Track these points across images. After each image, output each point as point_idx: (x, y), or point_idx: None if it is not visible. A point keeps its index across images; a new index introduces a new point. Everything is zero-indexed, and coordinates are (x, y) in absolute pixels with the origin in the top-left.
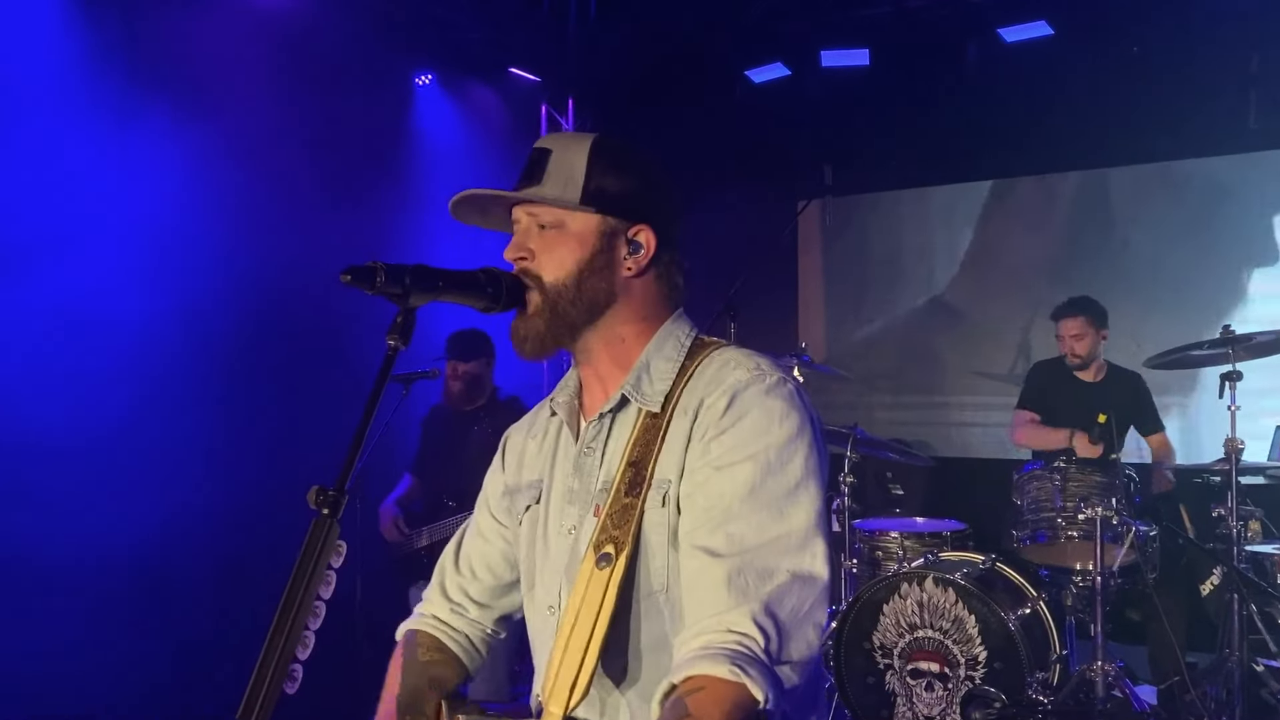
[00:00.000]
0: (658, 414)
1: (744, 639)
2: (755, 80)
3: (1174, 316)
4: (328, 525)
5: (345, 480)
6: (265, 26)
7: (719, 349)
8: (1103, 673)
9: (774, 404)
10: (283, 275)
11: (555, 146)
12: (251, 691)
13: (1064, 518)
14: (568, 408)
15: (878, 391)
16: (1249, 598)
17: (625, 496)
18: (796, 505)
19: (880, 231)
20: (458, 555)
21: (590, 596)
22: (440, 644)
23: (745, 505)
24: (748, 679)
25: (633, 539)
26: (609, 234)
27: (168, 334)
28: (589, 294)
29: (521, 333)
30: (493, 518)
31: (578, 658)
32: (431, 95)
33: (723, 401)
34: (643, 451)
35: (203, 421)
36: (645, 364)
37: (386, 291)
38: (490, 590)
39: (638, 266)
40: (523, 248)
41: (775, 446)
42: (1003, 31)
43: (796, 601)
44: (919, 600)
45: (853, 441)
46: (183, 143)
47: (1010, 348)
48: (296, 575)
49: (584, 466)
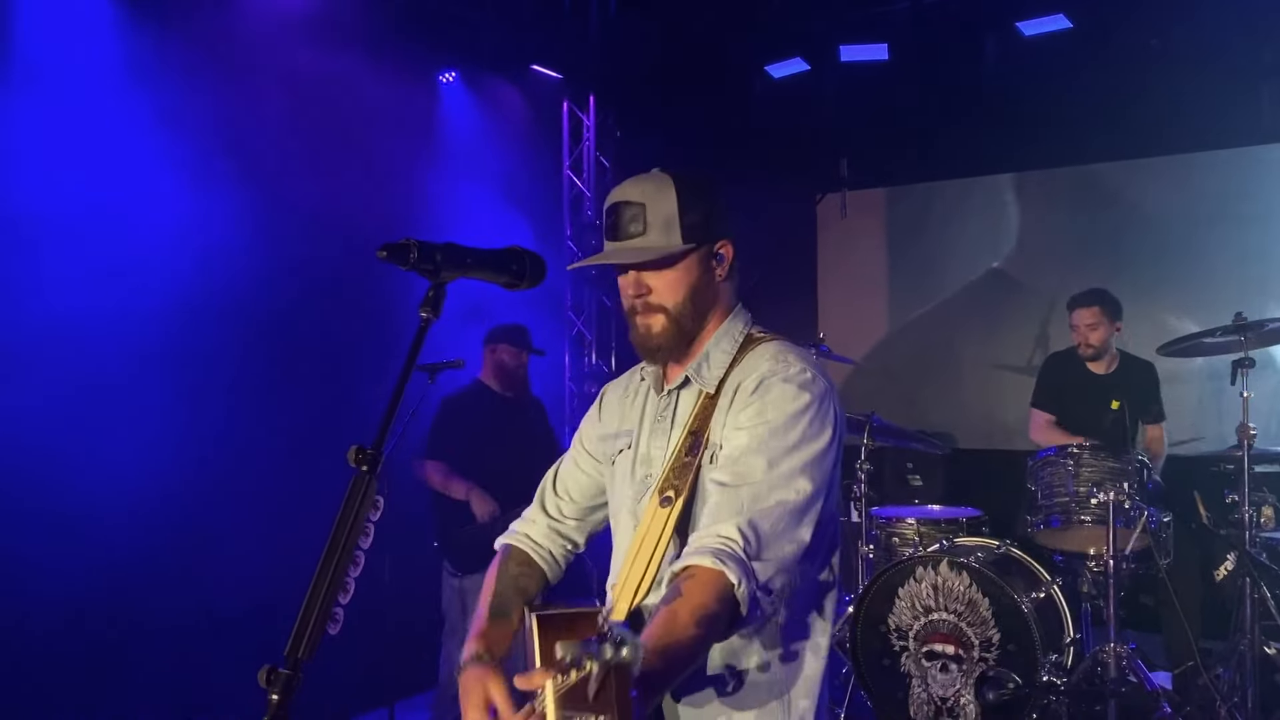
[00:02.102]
0: (713, 395)
1: (728, 540)
2: (774, 75)
3: (1190, 308)
4: (366, 481)
5: (382, 441)
6: (292, 25)
7: (764, 343)
8: (1115, 655)
9: (789, 388)
10: (310, 265)
11: (645, 199)
12: (299, 628)
13: (1077, 503)
14: (655, 376)
15: (896, 382)
16: (1260, 580)
17: (685, 456)
18: (791, 458)
19: (899, 225)
20: (555, 481)
21: (653, 528)
22: (528, 559)
23: (751, 453)
24: (724, 567)
25: (689, 488)
26: (705, 257)
27: (213, 315)
28: (700, 308)
29: (654, 346)
30: (588, 453)
31: (641, 571)
32: (455, 92)
33: (753, 384)
34: (700, 423)
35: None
36: (706, 355)
37: (419, 267)
38: (581, 510)
39: (724, 274)
40: (641, 284)
41: (784, 417)
42: (1021, 25)
43: (776, 519)
44: (934, 584)
45: (869, 429)
46: (218, 137)
47: (1028, 340)
48: (338, 526)
49: (658, 430)
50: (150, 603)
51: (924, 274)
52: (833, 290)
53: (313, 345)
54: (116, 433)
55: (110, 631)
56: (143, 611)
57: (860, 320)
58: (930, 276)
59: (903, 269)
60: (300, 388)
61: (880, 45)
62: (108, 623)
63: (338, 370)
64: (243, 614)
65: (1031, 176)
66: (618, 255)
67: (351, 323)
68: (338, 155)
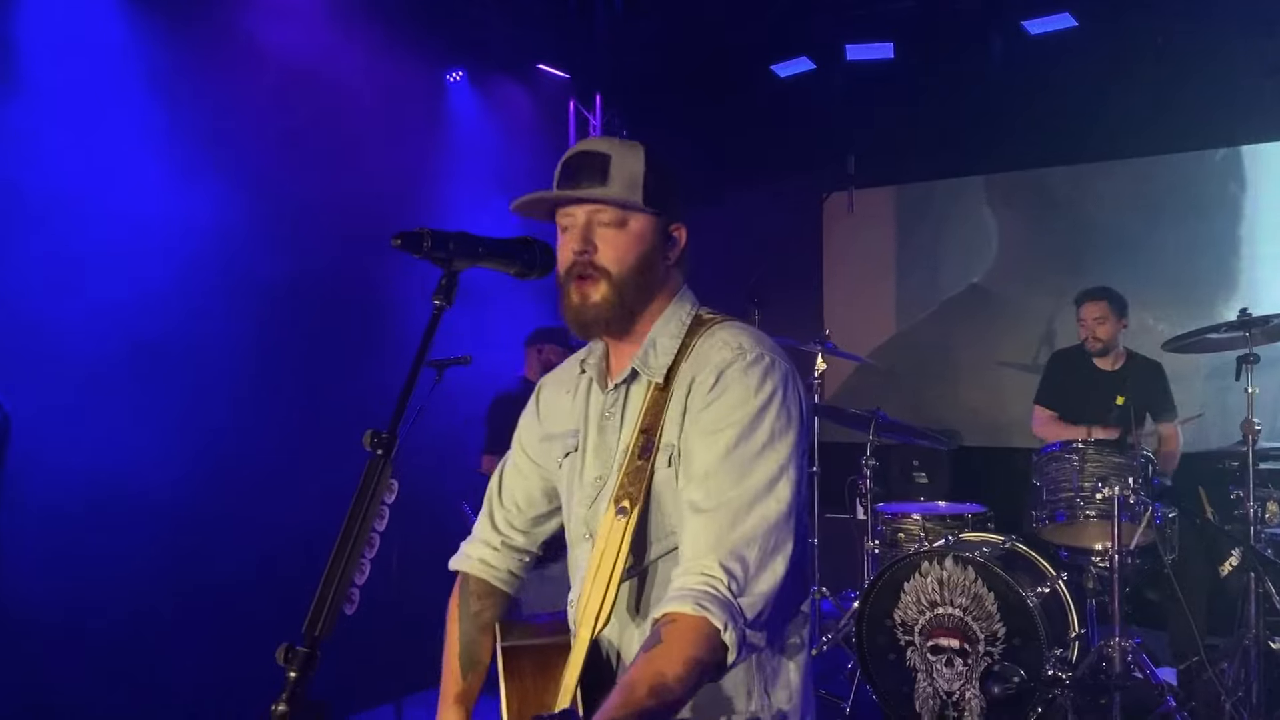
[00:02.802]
0: (663, 387)
1: (710, 580)
2: (781, 75)
3: (1196, 305)
4: (381, 464)
5: (396, 424)
6: (299, 22)
7: (715, 326)
8: (1120, 649)
9: (750, 380)
10: (315, 261)
11: (613, 152)
12: (316, 607)
13: (1082, 498)
14: (597, 369)
15: (901, 380)
16: (1265, 575)
17: (638, 459)
18: (764, 461)
19: (905, 223)
20: (500, 491)
21: (610, 541)
22: (487, 588)
23: (722, 465)
24: (707, 613)
25: (644, 495)
26: (660, 231)
27: (216, 312)
28: (647, 283)
29: (590, 317)
30: (529, 458)
31: (601, 591)
32: (462, 91)
33: (710, 378)
34: (651, 420)
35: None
36: (652, 341)
37: (432, 256)
38: (530, 520)
39: (674, 259)
40: (588, 242)
41: (749, 415)
42: (1026, 24)
43: (761, 541)
44: (939, 578)
45: (875, 425)
46: (223, 133)
47: (1033, 337)
48: (354, 509)
49: (606, 429)
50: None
51: (930, 272)
52: (839, 288)
53: (317, 340)
54: (119, 427)
55: (126, 626)
56: (152, 604)
57: (866, 318)
58: (936, 274)
59: (908, 267)
60: (303, 385)
61: (886, 44)
62: (119, 616)
63: (342, 368)
64: (253, 606)
65: (1037, 174)
66: (572, 196)
67: (355, 318)
68: (344, 152)
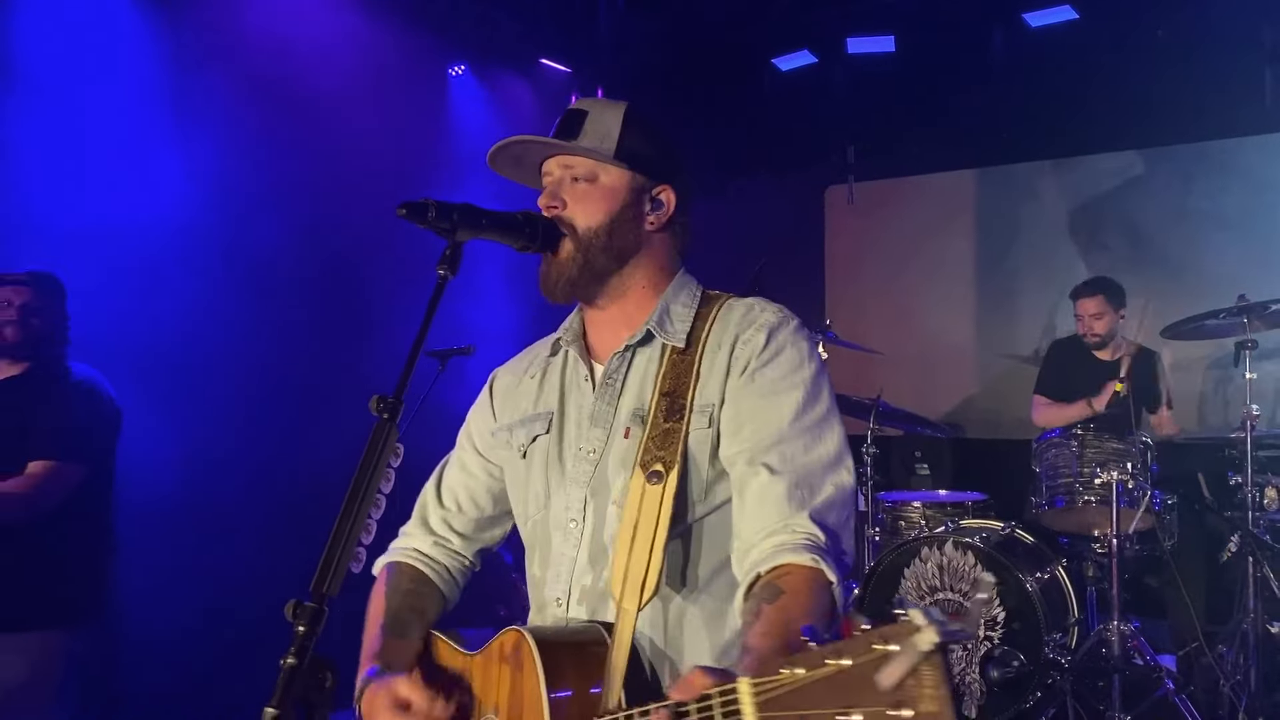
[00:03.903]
0: (684, 350)
1: (811, 535)
2: (782, 69)
3: (1196, 295)
4: (387, 428)
5: (402, 389)
6: (302, 16)
7: (731, 298)
8: (1120, 634)
9: (803, 343)
10: (316, 256)
11: (591, 108)
12: (324, 564)
13: (1081, 483)
14: (576, 344)
15: (903, 373)
16: (1264, 560)
17: (665, 422)
18: (831, 429)
19: (907, 215)
20: (440, 490)
21: (647, 508)
22: (422, 575)
23: (793, 429)
24: (824, 565)
25: (680, 457)
26: (637, 189)
27: (216, 309)
28: (618, 243)
29: (554, 277)
30: (479, 454)
31: (644, 560)
32: (465, 85)
33: (760, 336)
34: (675, 383)
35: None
36: (665, 307)
37: (435, 226)
38: (473, 523)
39: (659, 222)
40: (556, 197)
41: (811, 378)
42: (1027, 16)
43: (839, 509)
44: (939, 564)
45: (876, 413)
46: (223, 127)
47: (1035, 329)
48: (360, 470)
49: (605, 395)
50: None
51: (931, 264)
52: (840, 281)
53: (317, 336)
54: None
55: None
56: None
57: (867, 310)
58: (937, 266)
59: (910, 259)
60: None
61: (887, 37)
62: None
63: (339, 366)
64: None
65: (1038, 166)
66: (532, 141)
67: (355, 312)
68: (347, 146)
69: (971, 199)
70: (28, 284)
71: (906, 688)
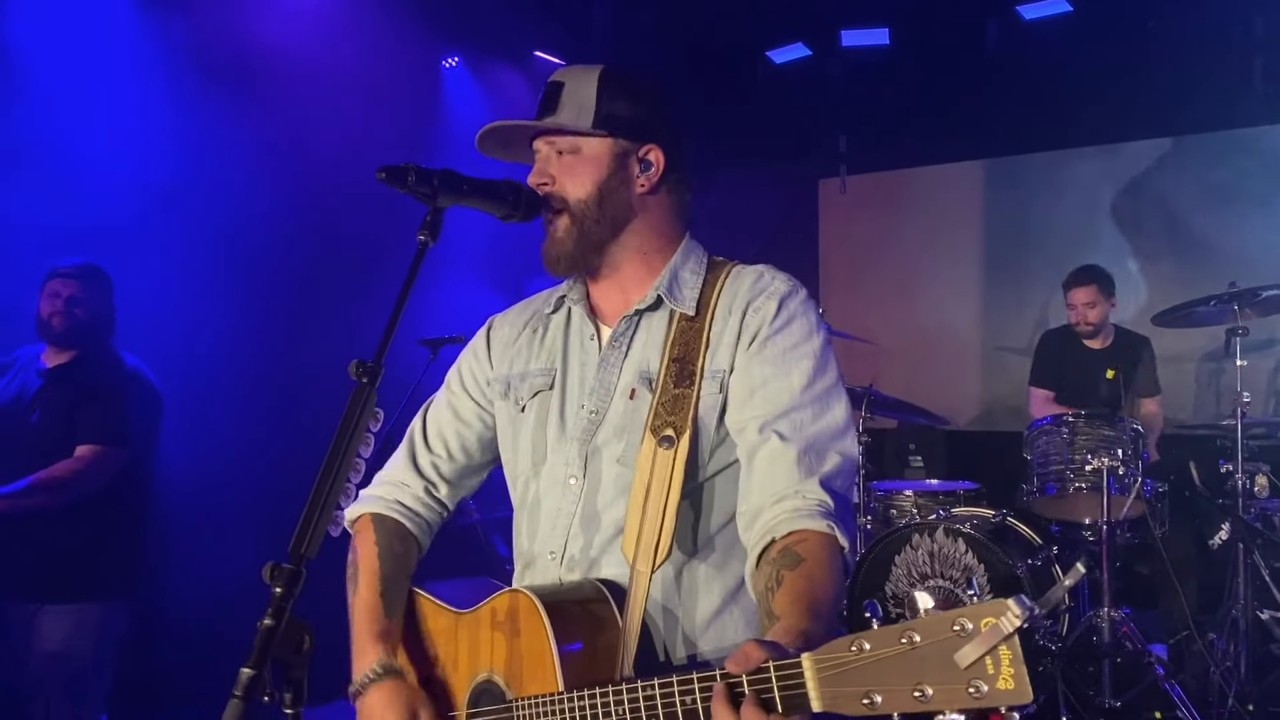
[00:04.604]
0: (693, 317)
1: (823, 501)
2: (777, 61)
3: (1190, 285)
4: (366, 393)
5: (382, 354)
6: (296, 7)
7: (738, 264)
8: (1110, 619)
9: (812, 313)
10: (309, 249)
11: (568, 79)
12: (302, 526)
13: (1072, 470)
14: (583, 306)
15: (896, 363)
16: (1254, 547)
17: (675, 388)
18: (839, 399)
19: (900, 207)
20: (426, 433)
21: (659, 472)
22: (407, 533)
23: (803, 397)
24: (837, 531)
25: (691, 423)
26: (621, 154)
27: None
28: (610, 211)
29: (554, 253)
30: (474, 401)
31: (657, 523)
32: (459, 77)
33: (771, 305)
34: (685, 349)
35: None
36: (674, 273)
37: (416, 191)
38: (460, 470)
39: (650, 183)
40: (544, 174)
41: (820, 348)
42: (1021, 9)
43: (845, 476)
44: (930, 550)
45: (868, 401)
46: (217, 121)
47: (1028, 321)
48: (339, 434)
49: (610, 358)
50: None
51: (923, 256)
52: (834, 273)
53: (314, 335)
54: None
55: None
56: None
57: (860, 302)
58: (929, 258)
59: (903, 251)
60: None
61: (881, 29)
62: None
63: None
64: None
65: (1032, 159)
66: (510, 125)
67: (350, 305)
68: (340, 136)
69: (966, 191)
70: (75, 276)
71: (983, 666)
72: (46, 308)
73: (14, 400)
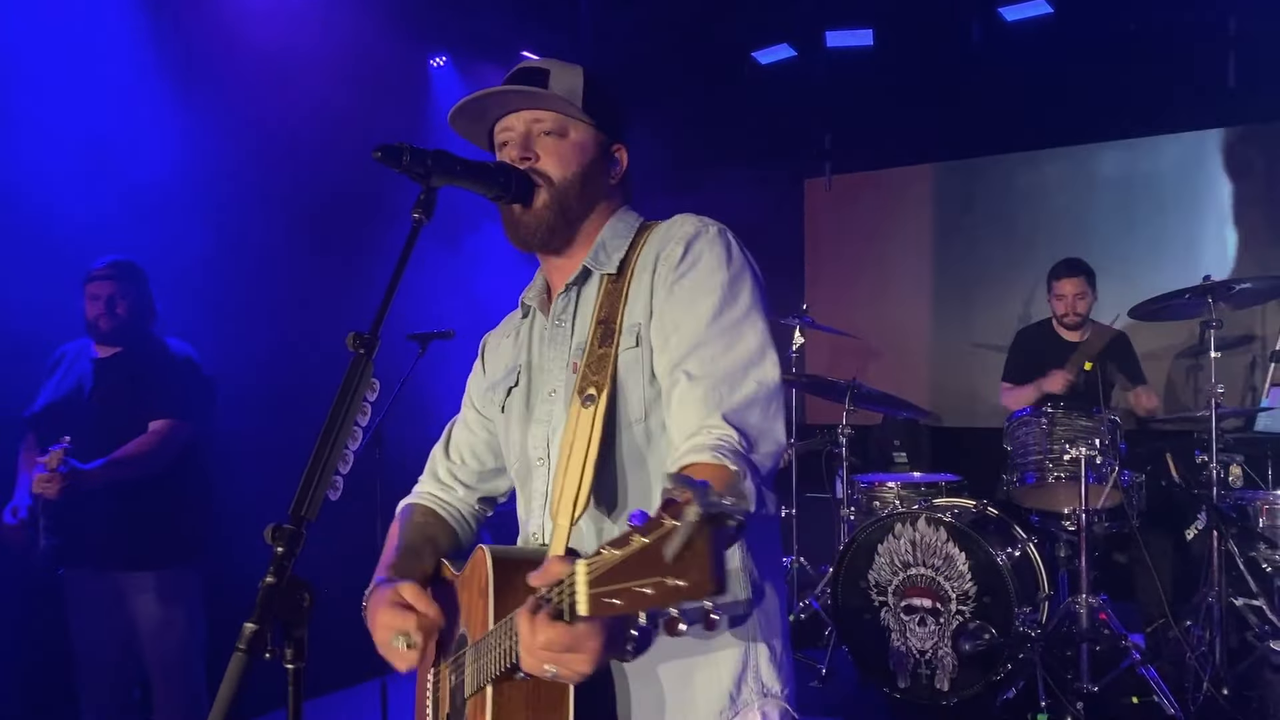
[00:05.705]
0: (617, 278)
1: (723, 436)
2: (762, 62)
3: (1171, 280)
4: (363, 363)
5: (378, 325)
6: (283, 6)
7: (661, 222)
8: (1088, 606)
9: (719, 247)
10: (298, 247)
11: (552, 67)
12: (302, 489)
13: (1051, 460)
14: (539, 300)
15: (882, 360)
16: (1228, 534)
17: (600, 348)
18: (751, 327)
19: (884, 207)
20: (448, 446)
21: (580, 430)
22: (432, 510)
23: (709, 331)
24: (726, 460)
25: (610, 379)
26: (602, 145)
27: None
28: (589, 196)
29: (531, 225)
30: (477, 412)
31: (576, 478)
32: (446, 77)
33: (679, 250)
34: (609, 310)
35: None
36: (602, 243)
37: (410, 170)
38: (476, 474)
39: (616, 179)
40: (529, 149)
41: (728, 280)
42: (1003, 11)
43: (763, 403)
44: (912, 539)
45: (852, 395)
46: (210, 119)
47: (1010, 318)
48: (338, 402)
49: (557, 336)
50: None
51: (907, 254)
52: (820, 274)
53: (312, 334)
54: None
55: None
56: None
57: (845, 301)
58: (914, 257)
59: (887, 249)
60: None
61: (865, 31)
62: None
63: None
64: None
65: (1014, 158)
66: (513, 92)
67: (337, 303)
68: (326, 136)
69: (948, 190)
70: (110, 276)
71: (685, 559)
72: (91, 310)
73: (75, 390)
